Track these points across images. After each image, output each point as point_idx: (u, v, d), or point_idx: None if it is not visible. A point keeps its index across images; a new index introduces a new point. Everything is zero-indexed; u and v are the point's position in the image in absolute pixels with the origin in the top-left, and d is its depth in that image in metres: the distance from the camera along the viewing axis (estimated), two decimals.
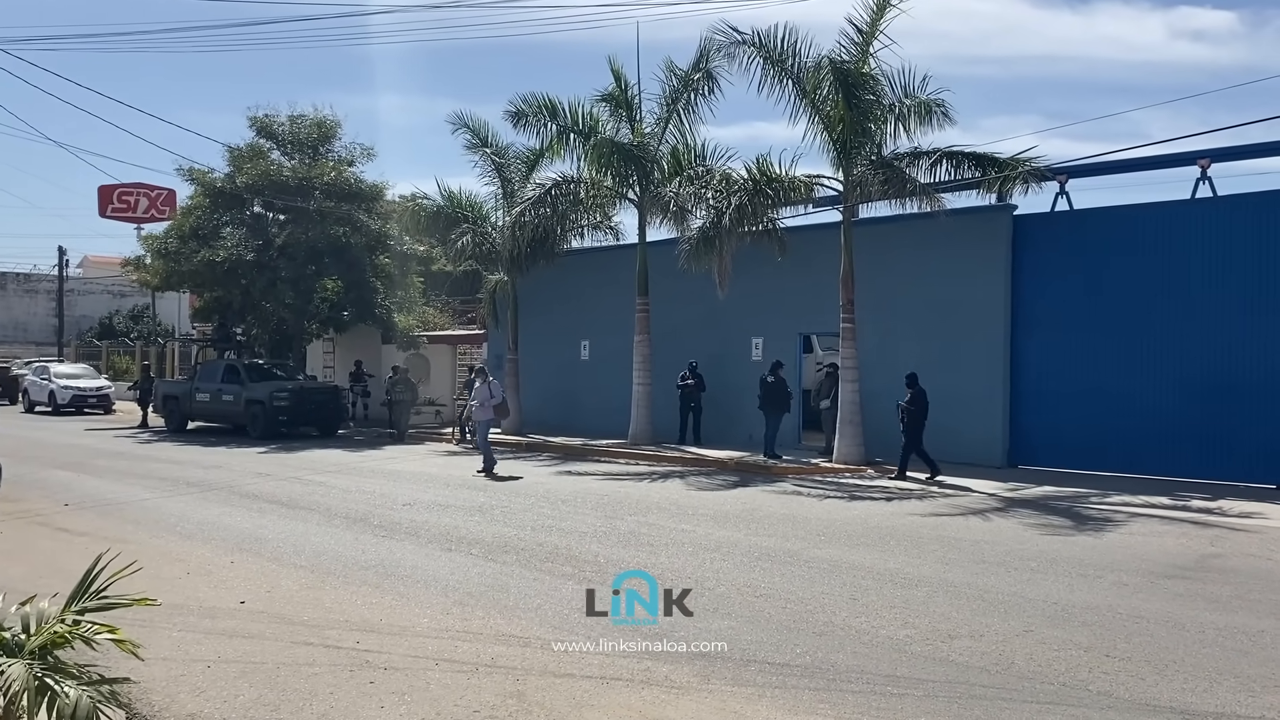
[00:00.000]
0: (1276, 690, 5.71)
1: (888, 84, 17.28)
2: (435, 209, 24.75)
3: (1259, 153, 17.41)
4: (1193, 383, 15.90)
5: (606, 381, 23.39)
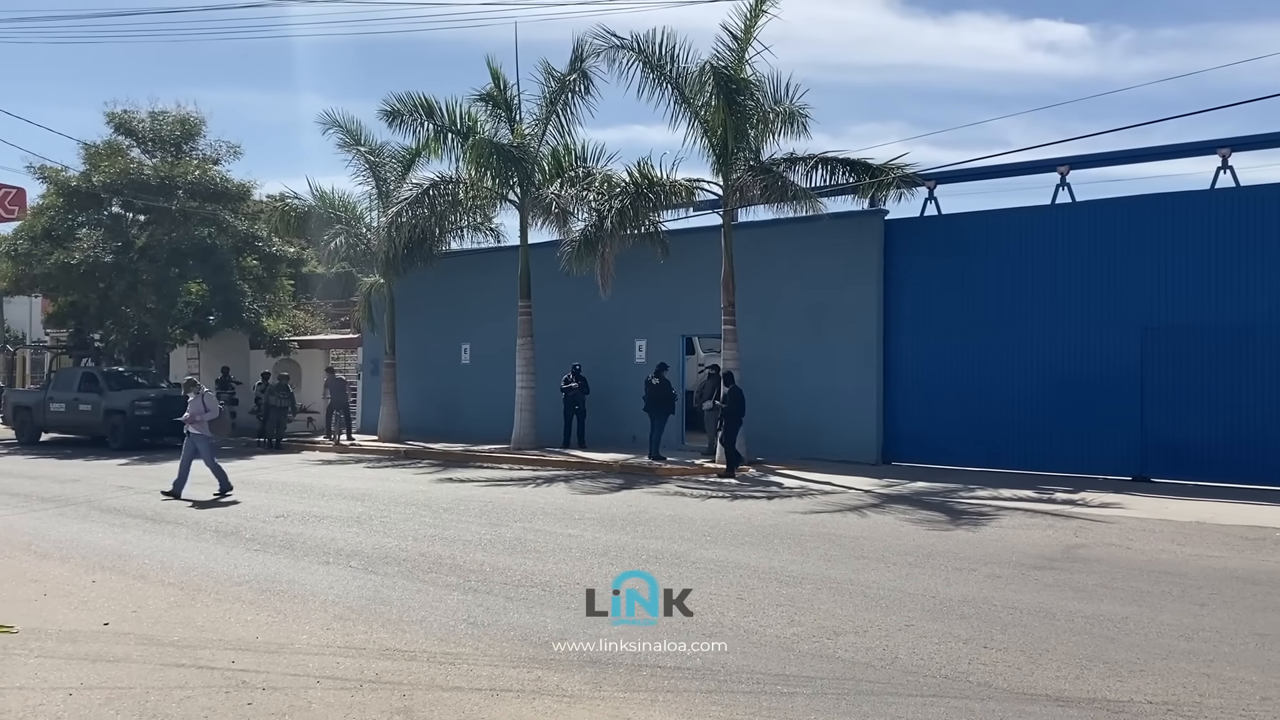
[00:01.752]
0: (1142, 675, 5.98)
1: (764, 90, 17.54)
2: (306, 209, 24.07)
3: (1114, 160, 18.35)
4: (1054, 380, 16.66)
5: (488, 385, 23.13)
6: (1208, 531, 11.27)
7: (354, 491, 15.07)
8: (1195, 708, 5.41)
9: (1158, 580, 8.60)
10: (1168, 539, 10.78)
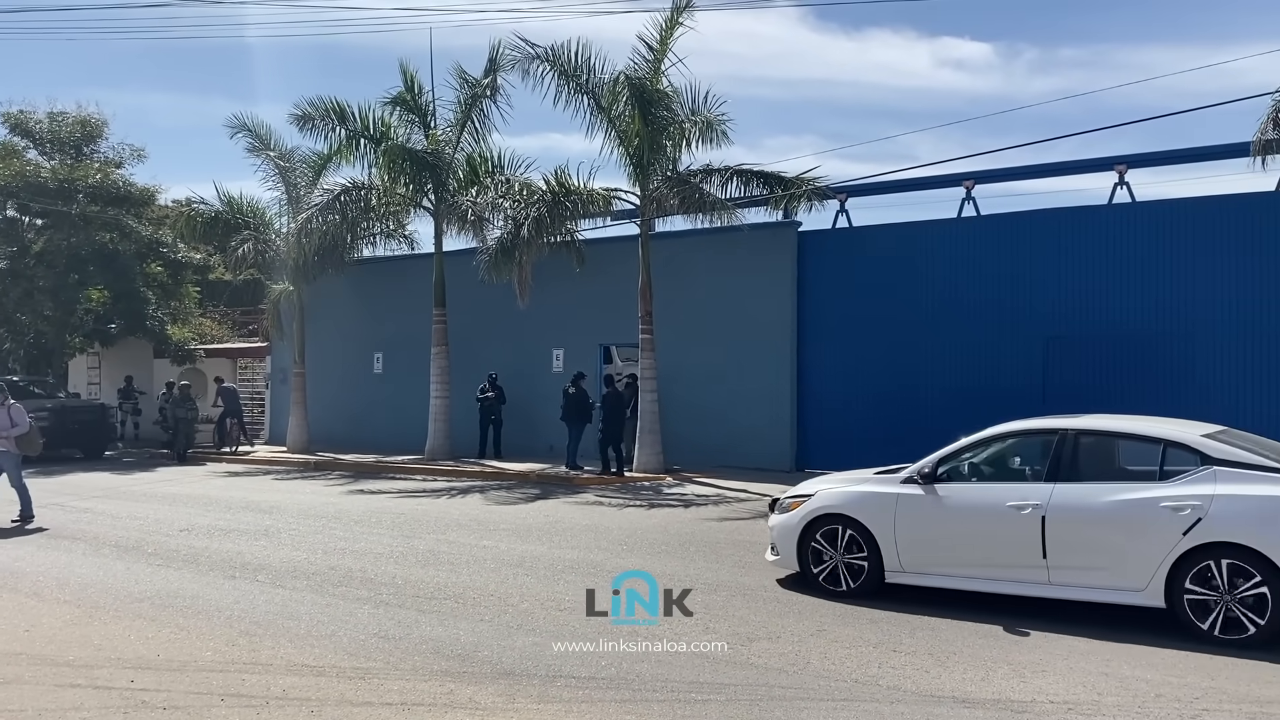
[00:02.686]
0: (1045, 674, 6.16)
1: (679, 101, 17.65)
2: (213, 214, 23.47)
3: (1018, 175, 18.90)
4: (961, 387, 17.06)
5: (402, 395, 22.81)
6: None
7: (262, 504, 14.70)
8: (1094, 706, 5.58)
9: None
10: None
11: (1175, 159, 17.96)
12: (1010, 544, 7.63)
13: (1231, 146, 15.59)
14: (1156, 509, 7.09)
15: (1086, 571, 7.38)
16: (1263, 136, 13.13)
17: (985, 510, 7.82)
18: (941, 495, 8.13)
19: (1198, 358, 15.39)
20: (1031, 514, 7.51)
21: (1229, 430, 8.01)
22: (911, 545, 8.14)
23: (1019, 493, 7.73)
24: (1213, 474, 7.09)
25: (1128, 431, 8.01)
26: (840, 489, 8.77)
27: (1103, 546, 7.31)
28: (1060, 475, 7.65)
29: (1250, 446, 7.51)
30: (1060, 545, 7.42)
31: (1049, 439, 8.01)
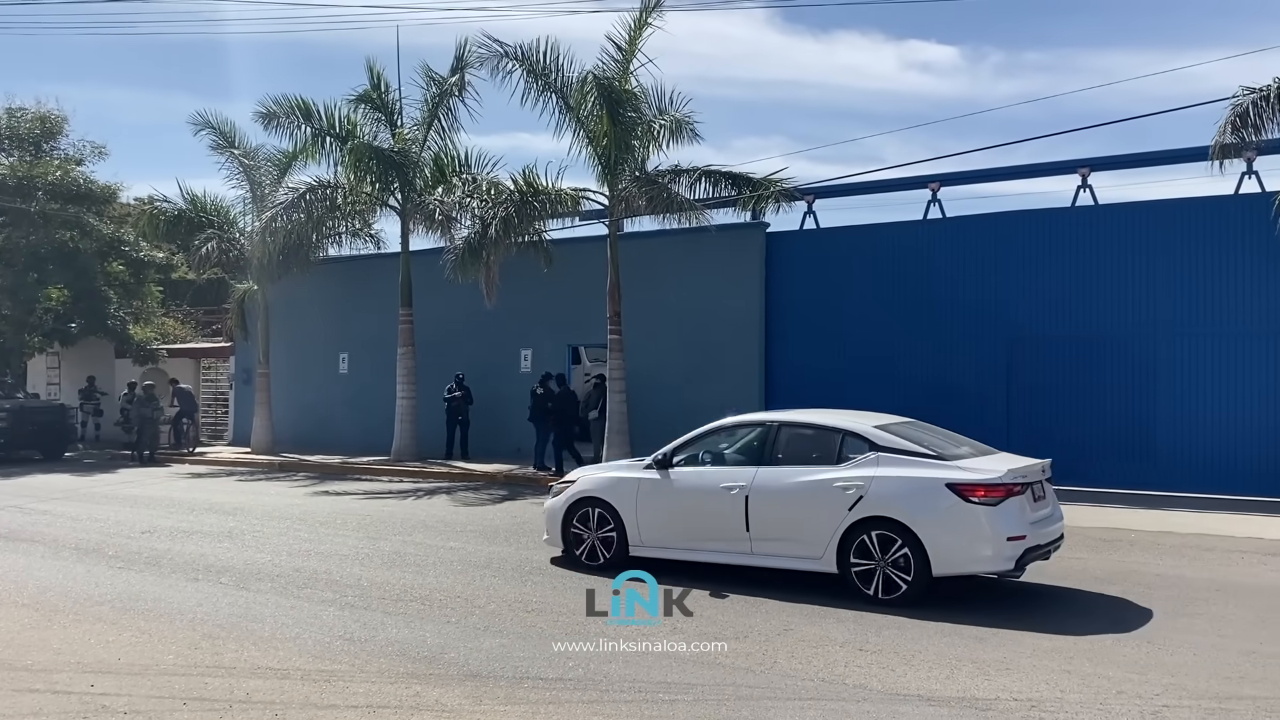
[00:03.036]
0: (1009, 673, 6.21)
1: (648, 101, 17.65)
2: (176, 213, 23.19)
3: (983, 178, 19.07)
4: (927, 388, 17.18)
5: (368, 396, 22.65)
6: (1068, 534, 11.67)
7: (225, 506, 14.54)
8: (1057, 703, 5.64)
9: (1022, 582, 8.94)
10: None
11: (1137, 162, 18.20)
12: (723, 520, 8.78)
13: (1192, 150, 15.81)
14: (830, 488, 8.28)
15: (779, 542, 8.58)
16: (1221, 140, 13.30)
17: (704, 491, 8.97)
18: (673, 479, 9.25)
19: (1159, 358, 15.61)
20: (738, 494, 8.67)
21: (910, 421, 9.31)
22: (649, 523, 9.28)
23: (731, 476, 8.88)
24: (876, 459, 8.29)
25: (816, 423, 9.18)
26: (597, 475, 10.01)
27: (791, 521, 8.50)
28: (764, 460, 8.84)
29: (914, 436, 8.64)
30: (760, 520, 8.60)
31: (759, 430, 9.23)
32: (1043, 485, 8.58)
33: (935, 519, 7.90)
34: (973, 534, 7.87)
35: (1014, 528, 7.84)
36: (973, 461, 8.32)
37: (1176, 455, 15.36)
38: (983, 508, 7.83)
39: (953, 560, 7.94)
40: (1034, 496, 8.27)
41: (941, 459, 8.21)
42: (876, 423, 8.84)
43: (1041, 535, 8.18)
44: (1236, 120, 13.07)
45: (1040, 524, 8.21)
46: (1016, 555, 7.83)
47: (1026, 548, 7.90)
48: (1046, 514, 8.44)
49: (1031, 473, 8.38)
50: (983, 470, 8.10)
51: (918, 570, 7.88)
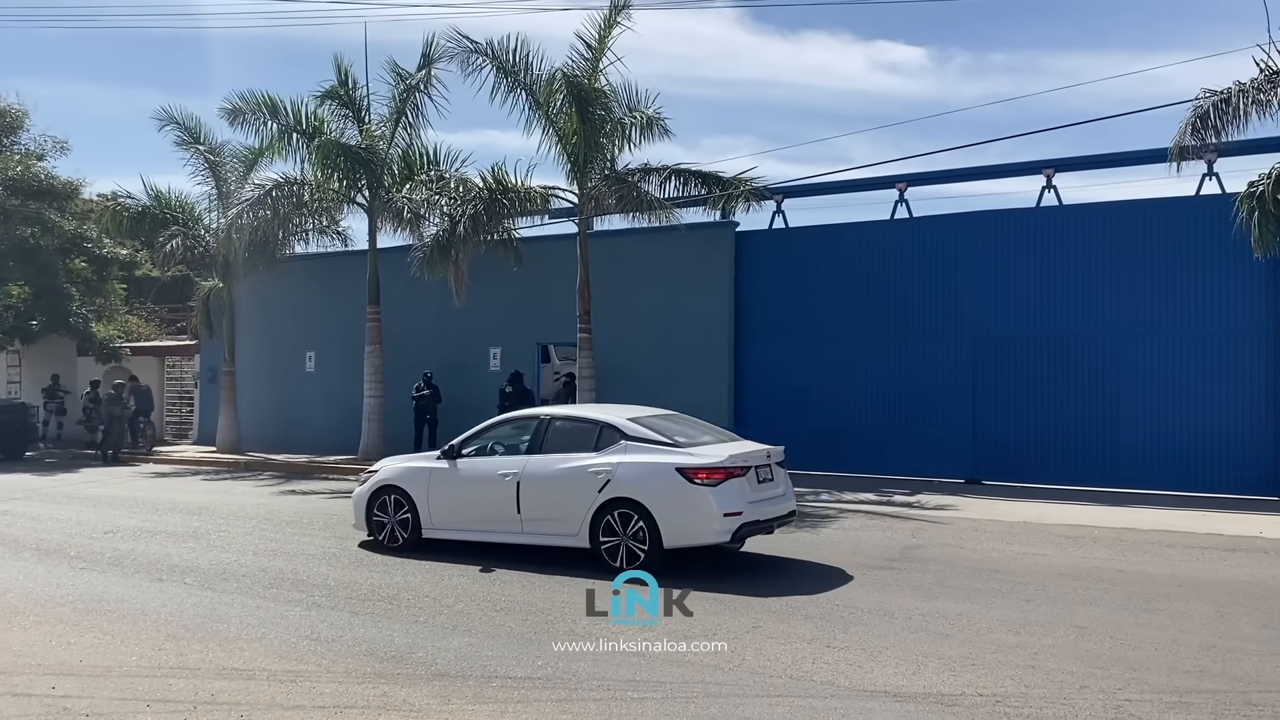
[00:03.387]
0: (974, 669, 6.27)
1: (617, 100, 17.64)
2: (140, 209, 22.90)
3: (949, 178, 19.23)
4: (894, 388, 17.34)
5: (335, 394, 22.48)
6: (1034, 531, 11.93)
7: (190, 505, 14.39)
8: (1022, 698, 5.70)
9: (988, 578, 9.05)
10: (997, 538, 11.36)
11: (1101, 163, 18.40)
12: (499, 504, 9.77)
13: (1154, 152, 16.02)
14: (585, 474, 9.33)
15: (545, 522, 9.59)
16: (1180, 143, 13.50)
17: (484, 478, 9.94)
18: (459, 468, 10.21)
19: (1122, 357, 15.81)
20: (511, 480, 9.69)
21: (667, 414, 10.45)
22: (439, 508, 10.23)
23: (507, 464, 9.88)
24: (624, 447, 9.34)
25: (579, 416, 10.34)
26: (396, 465, 10.94)
27: (553, 503, 9.52)
28: (536, 450, 9.85)
29: (660, 427, 9.67)
30: (528, 503, 9.62)
31: (533, 423, 10.23)
32: (770, 469, 9.62)
33: (666, 498, 8.97)
34: (697, 511, 8.95)
35: (732, 505, 8.93)
36: (705, 449, 9.37)
37: (1139, 453, 15.57)
38: (705, 488, 8.91)
39: (680, 534, 9.00)
40: (758, 479, 9.34)
41: (676, 446, 9.28)
42: (631, 415, 9.91)
43: (761, 512, 9.27)
44: (1197, 122, 13.28)
45: (761, 503, 9.28)
46: (733, 529, 8.95)
47: (744, 523, 9.01)
48: (772, 494, 9.51)
49: (755, 458, 9.45)
50: (708, 456, 9.16)
51: (652, 543, 8.95)
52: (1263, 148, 14.96)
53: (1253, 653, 6.61)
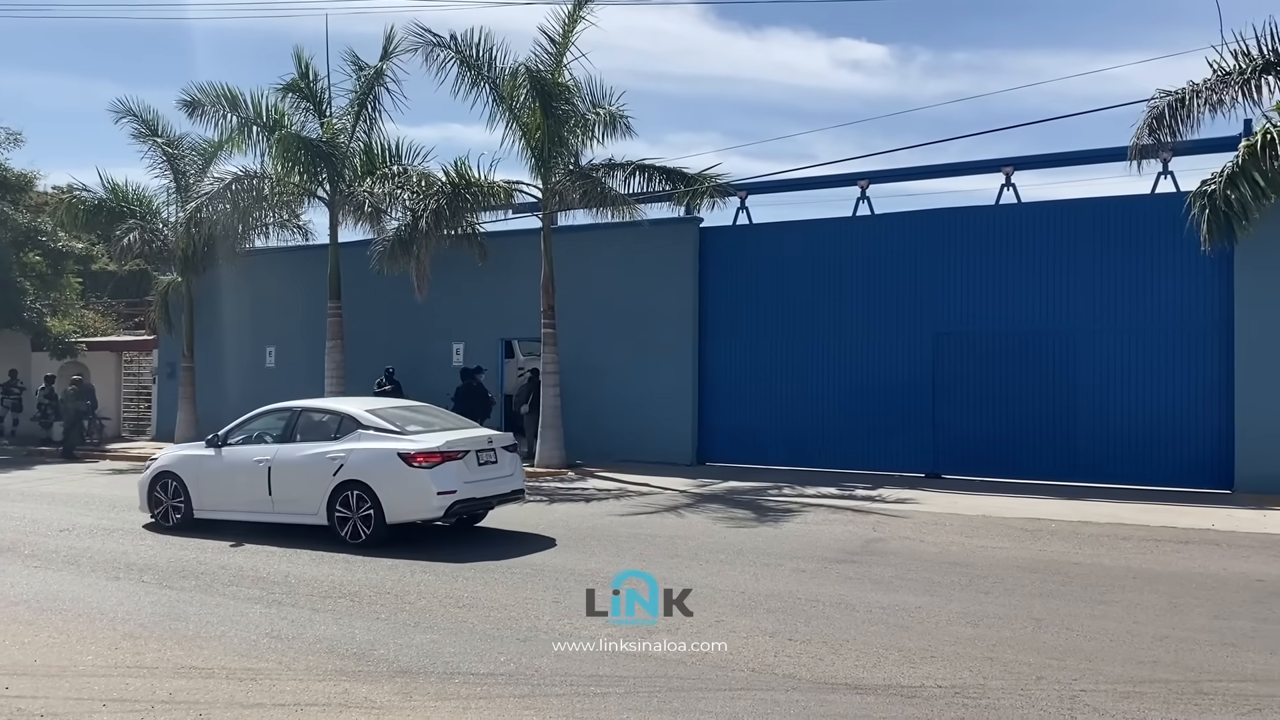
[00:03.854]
0: (933, 661, 6.35)
1: (581, 95, 17.59)
2: (97, 202, 22.54)
3: (910, 175, 19.39)
4: (855, 383, 17.47)
5: (295, 390, 22.02)
6: (992, 524, 12.08)
7: None
8: (979, 690, 5.78)
9: (948, 571, 9.16)
10: (956, 531, 11.49)
11: (1059, 161, 18.65)
12: (254, 487, 10.99)
13: (1111, 150, 16.25)
14: (324, 459, 10.60)
15: (291, 503, 10.81)
16: (1139, 142, 13.70)
17: (242, 465, 11.16)
18: (224, 456, 11.39)
19: (1079, 353, 16.03)
20: (264, 466, 10.94)
21: (406, 405, 12.10)
22: (206, 491, 11.42)
23: (261, 452, 11.11)
24: (359, 435, 10.65)
25: (324, 408, 11.69)
26: (173, 453, 12.36)
27: (298, 486, 10.74)
28: (287, 439, 11.10)
29: (393, 416, 11.04)
30: (278, 486, 10.86)
31: (288, 414, 11.46)
32: (494, 453, 10.97)
33: (388, 480, 10.26)
34: (414, 490, 10.22)
35: (447, 485, 10.22)
36: (427, 436, 10.64)
37: (1095, 448, 15.80)
38: (423, 470, 10.19)
39: (401, 511, 10.29)
40: (479, 461, 10.69)
41: (402, 434, 10.59)
42: (369, 407, 11.35)
43: (479, 491, 10.65)
44: (1153, 122, 13.49)
45: (480, 483, 10.65)
46: (447, 505, 10.24)
47: (457, 500, 10.32)
48: (494, 476, 10.87)
49: (476, 443, 10.82)
50: (426, 442, 10.43)
51: (377, 520, 10.23)
52: (1216, 147, 15.23)
53: (1204, 643, 6.75)
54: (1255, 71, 12.85)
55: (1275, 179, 12.55)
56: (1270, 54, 12.84)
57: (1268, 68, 12.84)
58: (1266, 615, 7.56)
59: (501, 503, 11.27)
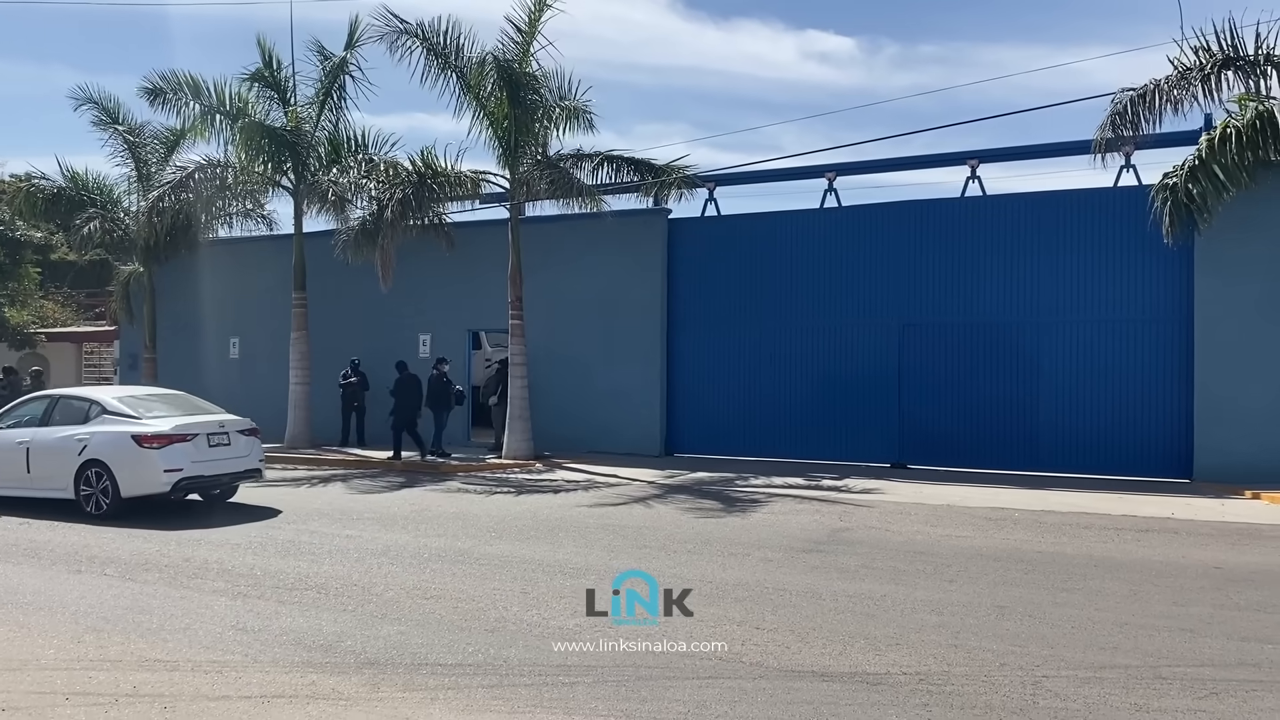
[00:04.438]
0: (898, 648, 6.41)
1: (549, 85, 17.51)
2: (56, 191, 22.19)
3: (877, 168, 19.50)
4: (822, 374, 17.59)
5: (260, 382, 22.05)
6: (957, 513, 12.21)
7: None
8: (944, 676, 5.85)
9: (913, 560, 9.25)
10: (922, 521, 11.61)
11: (1024, 155, 18.78)
12: (15, 466, 12.30)
13: (1075, 144, 16.43)
14: (72, 441, 11.91)
15: (46, 480, 12.11)
16: (1103, 135, 13.90)
17: (7, 445, 12.37)
18: None
19: (1042, 344, 16.23)
20: (23, 447, 12.23)
21: (157, 393, 13.77)
22: None
23: (23, 435, 12.34)
24: (104, 419, 11.97)
25: (80, 395, 13.09)
26: None
27: (50, 464, 12.05)
28: (46, 422, 12.38)
29: (136, 404, 12.38)
30: (35, 465, 12.18)
31: (48, 400, 12.86)
32: (227, 436, 12.28)
33: (122, 460, 11.62)
34: (144, 469, 11.61)
35: (174, 464, 11.60)
36: (162, 420, 11.95)
37: (1058, 438, 16.02)
38: (152, 450, 11.58)
39: (133, 486, 11.65)
40: (209, 444, 12.00)
41: (139, 419, 11.90)
42: (118, 394, 12.84)
43: (208, 469, 11.99)
44: (1116, 117, 13.70)
45: (210, 463, 11.99)
46: (174, 482, 11.62)
47: (184, 478, 11.70)
48: (225, 456, 12.21)
49: (207, 427, 12.14)
50: (158, 426, 11.77)
51: (114, 494, 11.61)
52: (1177, 141, 15.42)
53: (1164, 629, 6.86)
54: (1215, 67, 13.08)
55: (1234, 172, 12.79)
56: (1229, 49, 13.06)
57: (1227, 63, 13.06)
58: (1224, 602, 7.70)
59: (235, 481, 12.69)
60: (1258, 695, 5.53)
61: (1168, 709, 5.29)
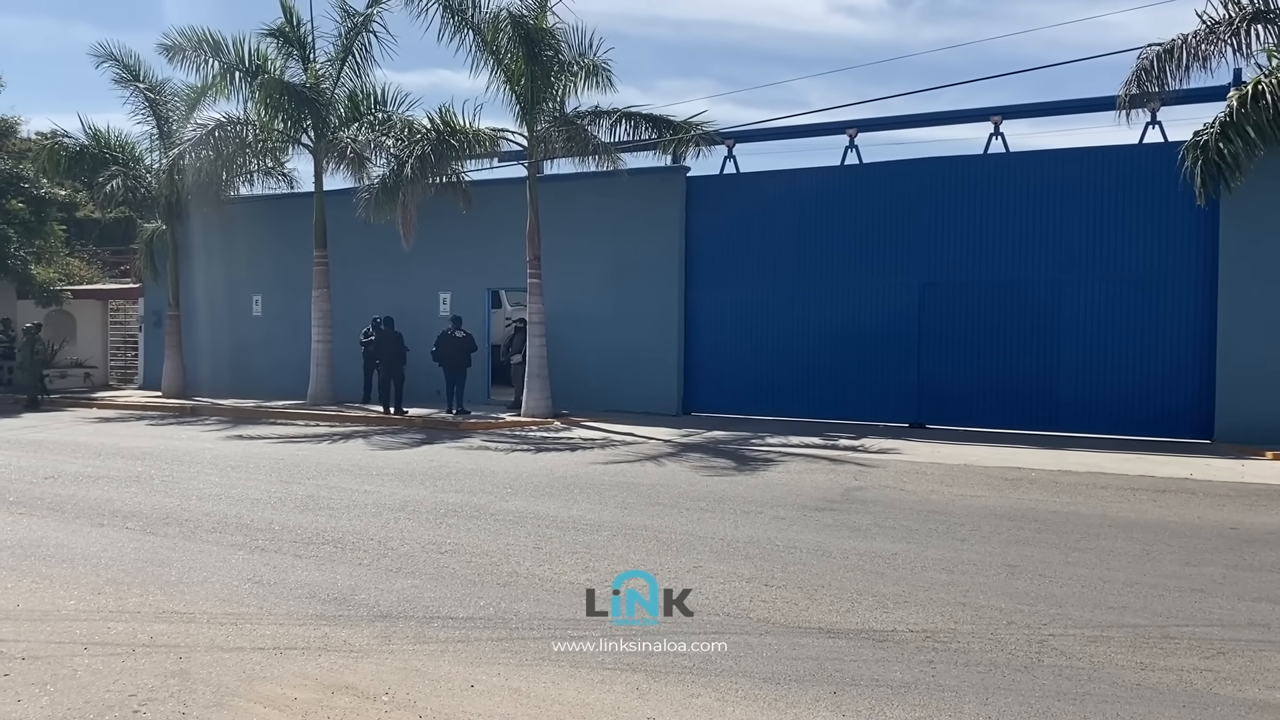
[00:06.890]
0: (906, 606, 6.44)
1: (567, 40, 17.39)
2: (79, 148, 22.31)
3: (900, 124, 19.29)
4: (841, 333, 17.53)
5: (283, 339, 22.25)
6: (973, 473, 12.19)
7: (134, 450, 14.23)
8: (950, 634, 5.87)
9: (926, 519, 9.26)
10: (937, 480, 11.60)
11: (1049, 111, 18.56)
12: None
13: (1100, 100, 16.20)
14: None
15: None
16: (1128, 92, 13.67)
17: None
18: None
19: (1063, 304, 16.09)
20: None
21: None
22: None
23: None
24: None
25: None
26: None
27: None
28: None
29: None
30: None
31: None
32: None
33: None
34: None
35: None
36: None
37: (1078, 397, 15.93)
38: None
39: None
40: None
41: None
42: None
43: None
44: (1142, 74, 13.46)
45: None
46: None
47: None
48: None
49: None
50: None
51: None
52: (1204, 97, 15.19)
53: (1174, 589, 6.85)
54: (1244, 20, 12.79)
55: (1265, 130, 12.54)
56: (1260, 1, 12.75)
57: (1258, 16, 12.78)
58: (1237, 562, 7.68)
59: None
60: (1266, 655, 5.52)
61: (1173, 668, 5.29)
